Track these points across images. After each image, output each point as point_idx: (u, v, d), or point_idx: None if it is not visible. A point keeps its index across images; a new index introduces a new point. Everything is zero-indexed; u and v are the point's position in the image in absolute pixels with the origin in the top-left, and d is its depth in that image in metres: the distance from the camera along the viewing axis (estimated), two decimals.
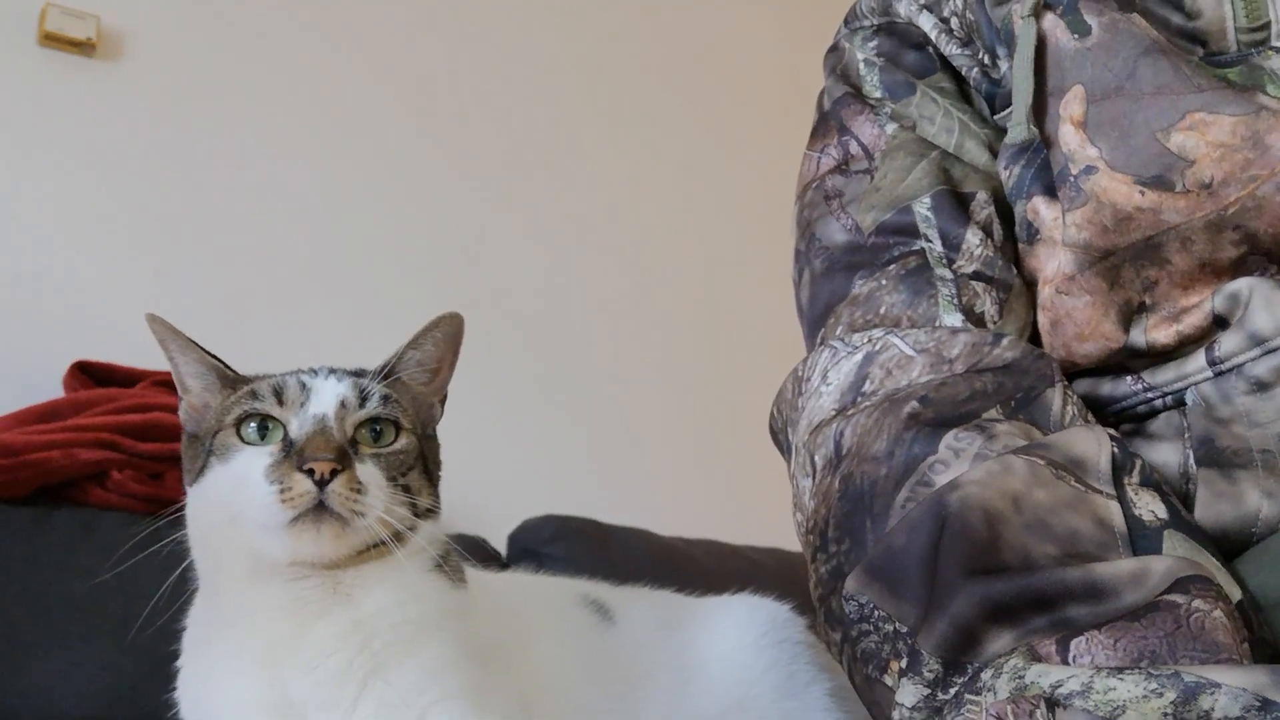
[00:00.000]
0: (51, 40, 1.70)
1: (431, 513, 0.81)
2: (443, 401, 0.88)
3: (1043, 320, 0.76)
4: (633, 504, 1.86)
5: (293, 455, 0.74)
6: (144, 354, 1.60)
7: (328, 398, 0.78)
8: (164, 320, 0.83)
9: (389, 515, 0.74)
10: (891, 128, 0.82)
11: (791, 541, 1.95)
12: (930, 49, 0.84)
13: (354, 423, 0.78)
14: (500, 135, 2.10)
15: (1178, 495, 0.64)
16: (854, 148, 0.84)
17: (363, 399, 0.79)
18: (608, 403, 2.08)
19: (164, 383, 1.53)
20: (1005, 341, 0.72)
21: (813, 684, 0.94)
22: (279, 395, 0.78)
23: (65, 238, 1.67)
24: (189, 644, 0.83)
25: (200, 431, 0.82)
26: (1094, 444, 0.64)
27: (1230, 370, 0.66)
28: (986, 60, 0.82)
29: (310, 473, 0.72)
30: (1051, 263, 0.74)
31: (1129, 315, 0.71)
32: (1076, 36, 0.71)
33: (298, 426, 0.76)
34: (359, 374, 0.83)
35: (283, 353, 1.77)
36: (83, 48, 1.72)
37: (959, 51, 0.83)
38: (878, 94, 0.85)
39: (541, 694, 0.82)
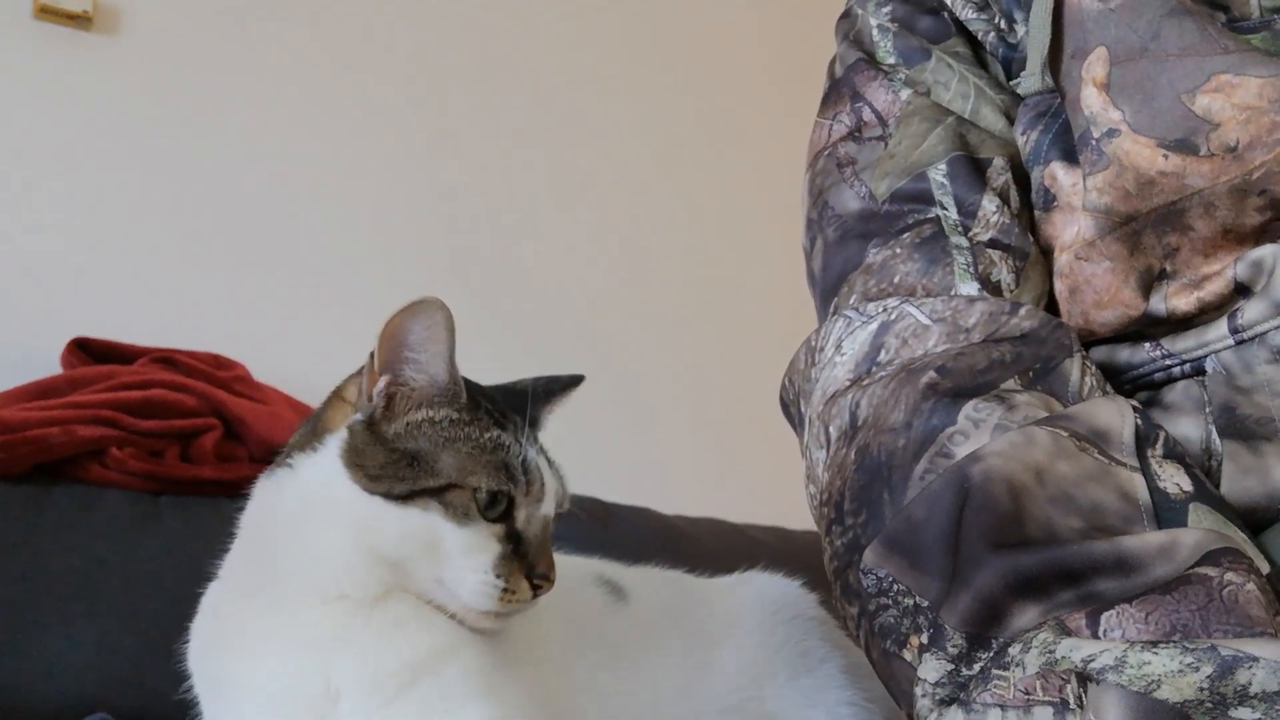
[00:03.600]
0: (47, 13, 1.67)
1: None
2: None
3: (1060, 288, 0.75)
4: (634, 482, 1.85)
5: (522, 559, 0.74)
6: (142, 330, 1.59)
7: (550, 496, 0.78)
8: (446, 308, 0.73)
9: None
10: (906, 93, 0.81)
11: (794, 521, 1.94)
12: (945, 14, 0.83)
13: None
14: (500, 117, 2.08)
15: (1200, 469, 0.63)
16: (867, 114, 0.82)
17: (564, 493, 0.80)
18: (608, 381, 2.07)
19: (163, 359, 1.52)
20: (1023, 310, 0.70)
21: (826, 660, 0.93)
22: (528, 479, 0.76)
23: (62, 214, 1.65)
24: (216, 604, 0.80)
25: (390, 435, 0.75)
26: (1117, 415, 0.63)
27: (1253, 339, 0.65)
28: (1003, 25, 0.80)
29: (536, 589, 0.74)
30: (1070, 229, 0.73)
31: (1149, 282, 0.70)
32: None
33: (525, 520, 0.76)
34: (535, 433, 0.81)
35: (281, 329, 1.77)
36: (79, 21, 1.69)
37: (975, 16, 0.81)
38: (891, 60, 0.83)
39: (555, 674, 0.81)
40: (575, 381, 0.87)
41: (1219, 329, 0.67)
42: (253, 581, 0.77)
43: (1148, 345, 0.71)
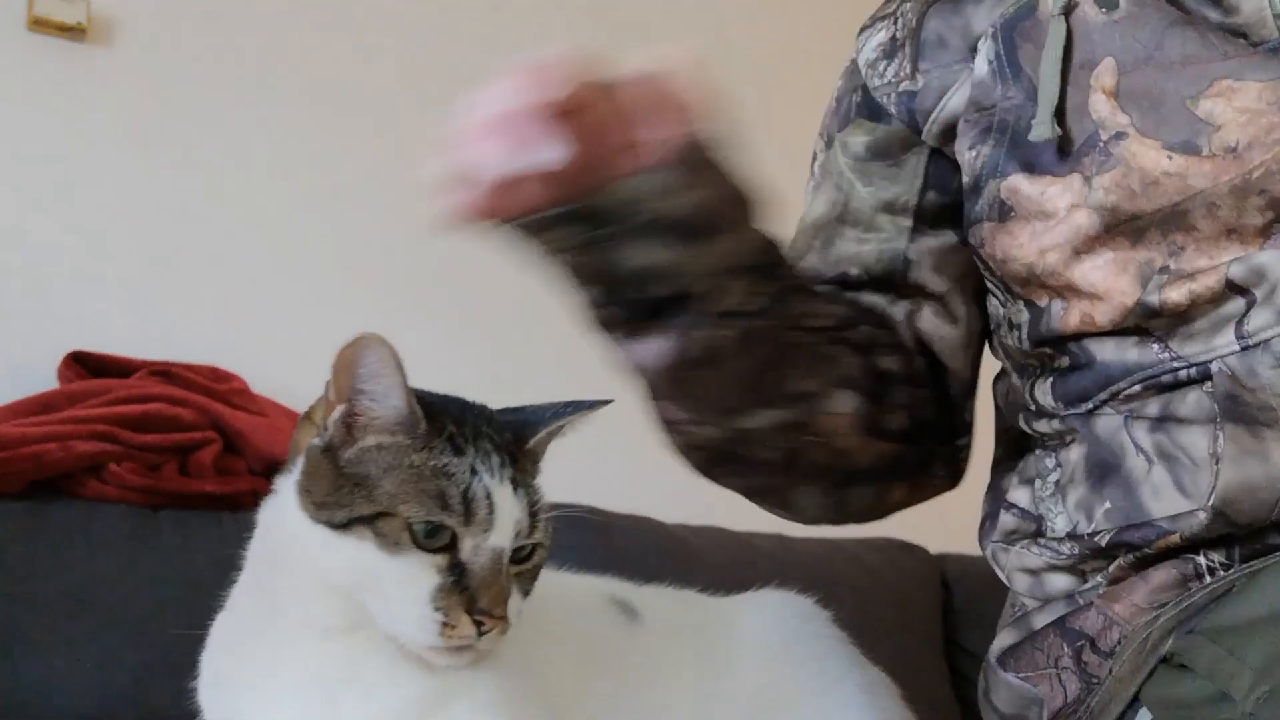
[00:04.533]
0: (41, 25, 1.67)
1: None
2: None
3: (1059, 283, 0.76)
4: (634, 491, 1.84)
5: (464, 592, 0.70)
6: (139, 344, 1.58)
7: (506, 524, 0.72)
8: (388, 344, 0.72)
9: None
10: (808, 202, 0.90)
11: (795, 528, 1.93)
12: (857, 91, 0.86)
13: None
14: None
15: (1210, 475, 0.67)
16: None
17: (532, 522, 0.75)
18: (608, 389, 2.06)
19: (161, 373, 1.52)
20: None
21: (843, 679, 0.92)
22: (468, 509, 0.71)
23: (57, 226, 1.65)
24: (223, 638, 0.79)
25: (343, 461, 0.73)
26: None
27: (1257, 345, 0.67)
28: (906, 70, 0.82)
29: (479, 624, 0.70)
30: (1045, 236, 0.74)
31: (1149, 275, 0.71)
32: (1104, 10, 0.73)
33: (471, 551, 0.71)
34: (518, 458, 0.77)
35: (280, 342, 1.76)
36: (73, 32, 1.69)
37: (881, 83, 0.83)
38: (826, 135, 0.89)
39: (568, 698, 0.80)
40: (595, 405, 0.86)
41: (1226, 335, 0.69)
42: (255, 614, 0.76)
43: (1156, 346, 0.72)
